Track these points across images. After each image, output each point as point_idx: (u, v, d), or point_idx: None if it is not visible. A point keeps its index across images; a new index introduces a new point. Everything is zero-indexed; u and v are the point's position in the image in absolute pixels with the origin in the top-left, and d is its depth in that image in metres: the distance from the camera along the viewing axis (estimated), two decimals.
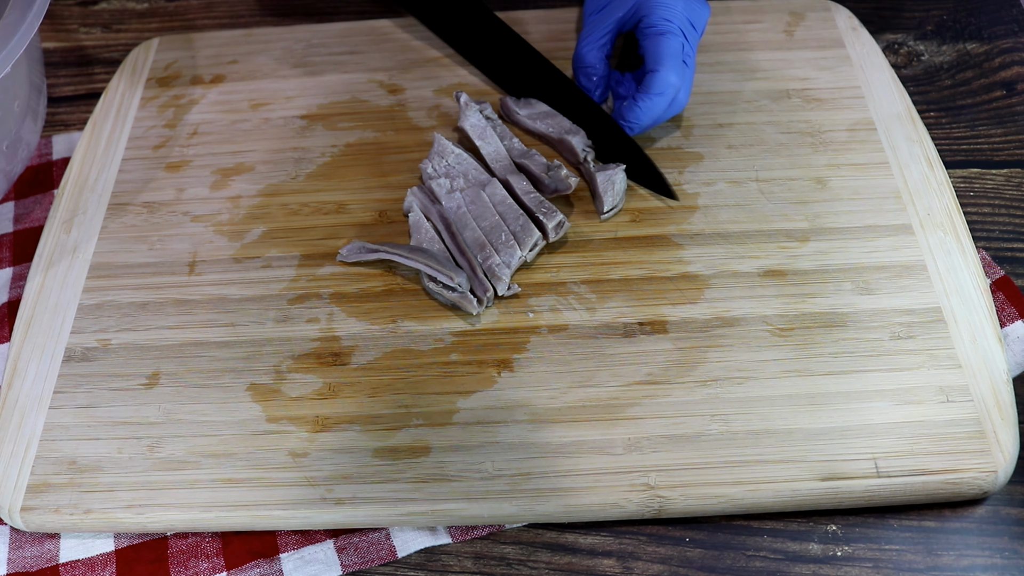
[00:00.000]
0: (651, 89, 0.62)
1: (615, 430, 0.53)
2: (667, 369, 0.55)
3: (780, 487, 0.51)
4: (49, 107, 0.74)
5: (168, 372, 0.57)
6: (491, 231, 0.60)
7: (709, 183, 0.63)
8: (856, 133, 0.65)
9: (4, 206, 0.68)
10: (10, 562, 0.52)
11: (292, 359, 0.57)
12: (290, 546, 0.52)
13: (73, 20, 0.80)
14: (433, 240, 0.60)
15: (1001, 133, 0.68)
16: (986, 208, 0.64)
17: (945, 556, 0.50)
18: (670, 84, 0.62)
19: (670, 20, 0.62)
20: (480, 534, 0.52)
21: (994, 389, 0.53)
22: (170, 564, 0.52)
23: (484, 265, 0.59)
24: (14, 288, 0.63)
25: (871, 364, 0.55)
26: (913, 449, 0.51)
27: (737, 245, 0.60)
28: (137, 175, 0.67)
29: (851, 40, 0.71)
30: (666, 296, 0.58)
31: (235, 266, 0.61)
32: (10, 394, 0.56)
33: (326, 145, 0.68)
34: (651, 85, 0.62)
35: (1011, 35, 0.74)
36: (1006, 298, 0.59)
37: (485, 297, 0.57)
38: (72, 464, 0.53)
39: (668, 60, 0.62)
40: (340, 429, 0.54)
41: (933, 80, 0.71)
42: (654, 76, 0.62)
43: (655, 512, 0.51)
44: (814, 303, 0.57)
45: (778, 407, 0.53)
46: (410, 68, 0.72)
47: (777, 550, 0.51)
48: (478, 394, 0.55)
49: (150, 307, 0.60)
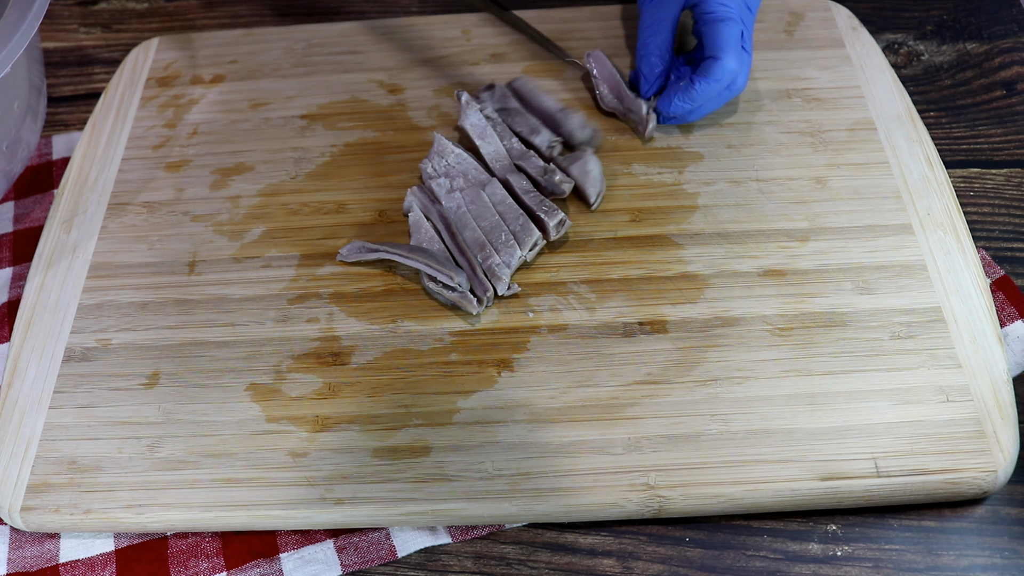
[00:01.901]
0: (709, 75, 0.62)
1: (615, 430, 0.53)
2: (667, 369, 0.55)
3: (780, 487, 0.51)
4: (49, 107, 0.74)
5: (168, 372, 0.57)
6: (491, 231, 0.60)
7: (709, 183, 0.63)
8: (856, 133, 0.65)
9: (4, 206, 0.68)
10: (10, 562, 0.52)
11: (292, 359, 0.57)
12: (290, 546, 0.52)
13: (73, 20, 0.80)
14: (433, 240, 0.60)
15: (1001, 133, 0.68)
16: (986, 208, 0.64)
17: (945, 556, 0.50)
18: (729, 71, 0.62)
19: (727, 5, 0.63)
20: (480, 534, 0.52)
21: (994, 389, 0.53)
22: (170, 564, 0.52)
23: (484, 265, 0.59)
24: (14, 288, 0.63)
25: (871, 364, 0.55)
26: (913, 449, 0.51)
27: (737, 245, 0.60)
28: (137, 175, 0.67)
29: (851, 40, 0.71)
30: (666, 296, 0.58)
31: (235, 266, 0.61)
32: (10, 394, 0.56)
33: (326, 145, 0.68)
34: (710, 71, 0.62)
35: (1011, 35, 0.74)
36: (1006, 298, 0.59)
37: (485, 297, 0.57)
38: (72, 464, 0.53)
39: (728, 47, 0.62)
40: (340, 429, 0.54)
41: (933, 80, 0.71)
42: (714, 63, 0.62)
43: (655, 512, 0.51)
44: (814, 303, 0.57)
45: (778, 407, 0.53)
46: (410, 68, 0.72)
47: (777, 550, 0.51)
48: (478, 394, 0.55)
49: (150, 307, 0.60)
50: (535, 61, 0.72)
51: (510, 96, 0.68)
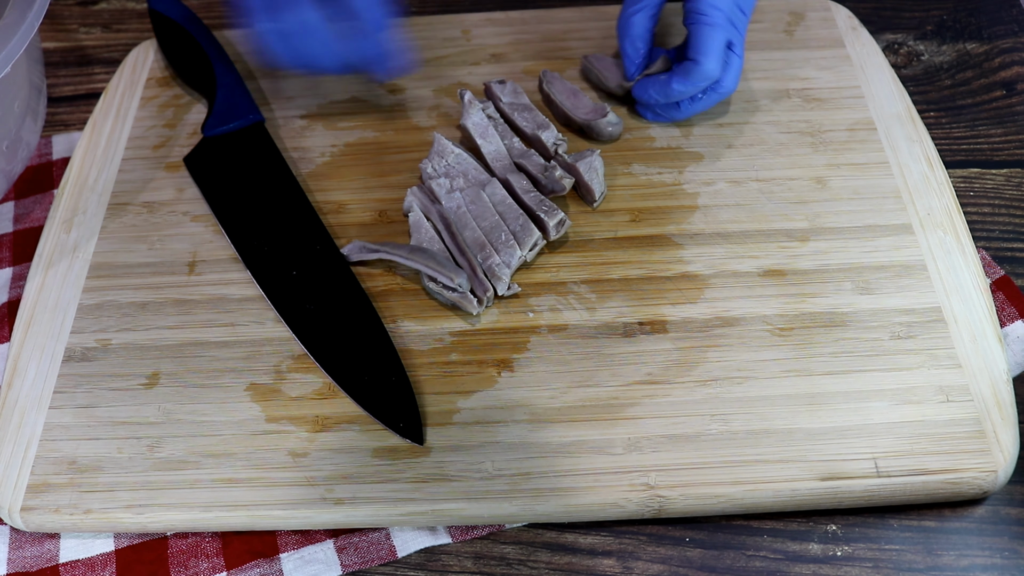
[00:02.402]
0: (687, 76, 0.62)
1: (615, 430, 0.53)
2: (667, 369, 0.55)
3: (780, 487, 0.51)
4: (49, 107, 0.74)
5: (168, 372, 0.57)
6: (491, 231, 0.60)
7: (709, 183, 0.63)
8: (856, 133, 0.65)
9: (4, 206, 0.68)
10: (10, 562, 0.52)
11: (292, 359, 0.57)
12: (290, 546, 0.52)
13: (73, 20, 0.80)
14: (433, 240, 0.60)
15: (1001, 133, 0.68)
16: (986, 208, 0.64)
17: (945, 556, 0.50)
18: (707, 75, 0.62)
19: (719, 8, 0.62)
20: (480, 534, 0.52)
21: (994, 389, 0.53)
22: (170, 564, 0.52)
23: (484, 265, 0.59)
24: (14, 288, 0.63)
25: (871, 364, 0.55)
26: (913, 449, 0.51)
27: (737, 245, 0.60)
28: (137, 175, 0.67)
29: (851, 40, 0.71)
30: (666, 296, 0.58)
31: (235, 266, 0.61)
32: (10, 394, 0.56)
33: (326, 145, 0.68)
34: (688, 73, 0.62)
35: (1011, 35, 0.74)
36: (1006, 298, 0.59)
37: (485, 297, 0.57)
38: (72, 464, 0.53)
39: (709, 52, 0.61)
40: (340, 429, 0.54)
41: (933, 80, 0.71)
42: (693, 66, 0.62)
43: (655, 512, 0.51)
44: (814, 303, 0.57)
45: (778, 407, 0.53)
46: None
47: (777, 550, 0.51)
48: (478, 394, 0.55)
49: (150, 307, 0.60)
50: (536, 61, 0.72)
51: (521, 92, 0.68)
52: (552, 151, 0.64)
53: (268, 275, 0.59)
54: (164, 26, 0.72)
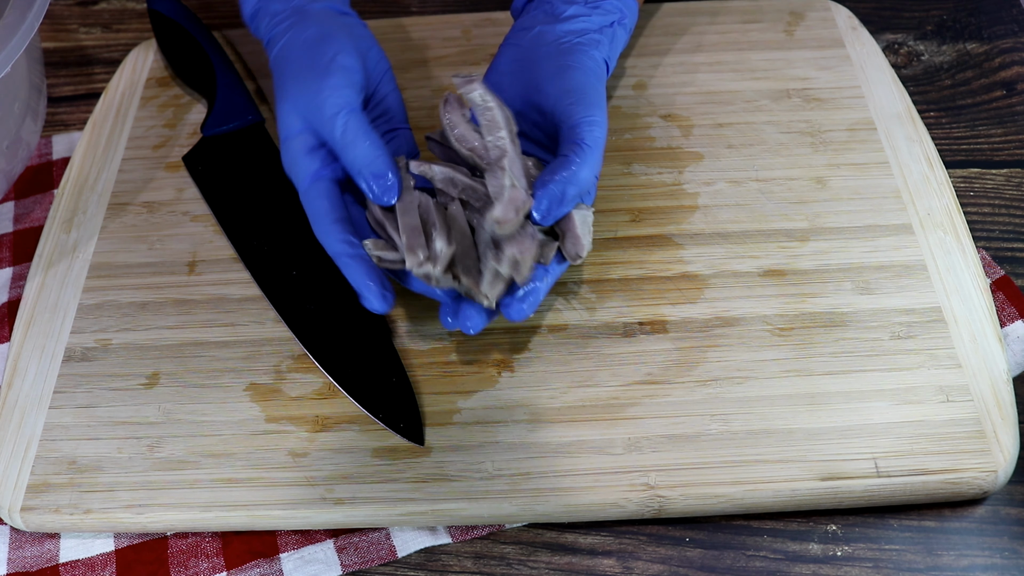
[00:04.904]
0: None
1: (615, 430, 0.53)
2: (667, 369, 0.55)
3: (780, 487, 0.51)
4: (49, 107, 0.74)
5: (168, 372, 0.57)
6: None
7: (709, 183, 0.63)
8: (856, 133, 0.65)
9: (4, 206, 0.68)
10: (10, 562, 0.52)
11: (292, 359, 0.57)
12: (290, 546, 0.52)
13: (73, 20, 0.80)
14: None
15: (1001, 133, 0.68)
16: (986, 208, 0.64)
17: (945, 556, 0.50)
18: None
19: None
20: (480, 534, 0.52)
21: (994, 389, 0.53)
22: (170, 564, 0.52)
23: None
24: (14, 288, 0.63)
25: (871, 364, 0.55)
26: (913, 449, 0.51)
27: (737, 245, 0.60)
28: (137, 175, 0.67)
29: (851, 40, 0.71)
30: (666, 296, 0.58)
31: (235, 266, 0.61)
32: (10, 394, 0.56)
33: None
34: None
35: (1011, 35, 0.74)
36: (1006, 298, 0.59)
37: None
38: (72, 464, 0.53)
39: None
40: (340, 429, 0.54)
41: (933, 80, 0.71)
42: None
43: (655, 512, 0.51)
44: (814, 303, 0.57)
45: (778, 407, 0.53)
46: (410, 68, 0.72)
47: (777, 550, 0.51)
48: (478, 394, 0.55)
49: (150, 307, 0.60)
50: None
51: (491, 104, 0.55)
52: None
53: (268, 275, 0.59)
54: (164, 26, 0.72)
